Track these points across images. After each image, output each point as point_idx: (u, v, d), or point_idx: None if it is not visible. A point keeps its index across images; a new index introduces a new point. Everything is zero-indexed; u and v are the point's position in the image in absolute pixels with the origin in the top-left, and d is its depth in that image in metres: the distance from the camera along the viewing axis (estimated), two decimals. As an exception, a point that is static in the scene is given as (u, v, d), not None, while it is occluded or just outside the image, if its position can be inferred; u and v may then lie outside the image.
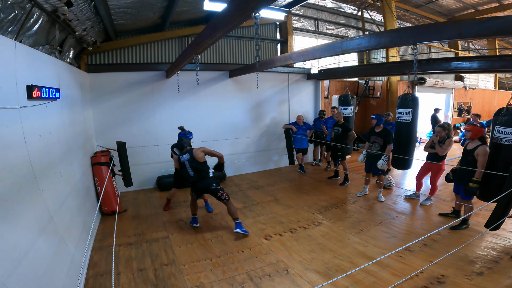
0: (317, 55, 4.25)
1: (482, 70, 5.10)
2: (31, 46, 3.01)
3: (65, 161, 3.46)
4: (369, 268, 2.95)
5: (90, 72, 5.65)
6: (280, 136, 7.44)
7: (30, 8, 2.70)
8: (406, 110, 4.60)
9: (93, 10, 3.89)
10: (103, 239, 3.99)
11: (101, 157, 4.83)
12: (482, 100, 13.91)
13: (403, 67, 5.92)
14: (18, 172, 2.26)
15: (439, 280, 2.89)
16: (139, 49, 6.37)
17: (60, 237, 2.78)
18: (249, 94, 7.31)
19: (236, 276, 3.14)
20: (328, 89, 9.54)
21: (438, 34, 2.91)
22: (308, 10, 9.42)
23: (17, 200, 2.14)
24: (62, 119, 3.55)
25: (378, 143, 5.11)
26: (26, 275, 1.99)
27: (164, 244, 3.88)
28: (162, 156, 6.35)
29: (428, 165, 4.85)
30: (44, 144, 2.87)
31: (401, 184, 6.25)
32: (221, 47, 7.38)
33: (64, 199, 3.14)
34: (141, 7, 4.84)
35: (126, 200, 5.56)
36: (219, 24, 2.56)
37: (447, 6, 10.40)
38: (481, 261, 3.19)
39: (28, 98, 2.58)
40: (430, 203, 4.93)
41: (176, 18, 6.17)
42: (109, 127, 5.85)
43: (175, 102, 6.42)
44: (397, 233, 4.01)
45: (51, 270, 2.40)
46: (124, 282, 3.06)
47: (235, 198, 5.56)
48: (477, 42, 14.32)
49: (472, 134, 3.90)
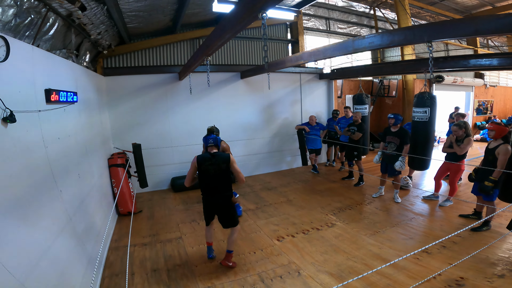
0: (328, 55, 4.19)
1: (502, 67, 4.91)
2: (48, 50, 3.10)
3: (83, 163, 3.56)
4: (384, 270, 2.87)
5: (106, 76, 5.81)
6: (293, 136, 7.40)
7: (45, 12, 2.77)
8: (423, 109, 4.47)
9: (106, 14, 3.99)
10: (119, 240, 4.07)
11: (117, 159, 4.94)
12: (504, 98, 13.36)
13: (418, 65, 5.76)
14: (38, 174, 2.33)
15: (458, 283, 2.78)
16: (152, 51, 6.49)
17: (78, 238, 2.85)
18: (261, 94, 7.31)
19: (247, 277, 3.13)
20: (341, 89, 9.42)
21: (454, 31, 2.82)
22: (319, 10, 9.32)
23: (37, 201, 2.20)
24: (79, 122, 3.65)
25: (394, 143, 4.99)
26: (44, 275, 2.05)
27: (178, 245, 3.92)
28: (176, 157, 6.46)
29: (447, 165, 4.70)
30: (63, 146, 2.95)
31: (419, 185, 6.08)
32: (232, 49, 7.42)
33: (82, 200, 3.22)
34: (152, 10, 4.94)
35: (142, 201, 5.67)
36: (228, 25, 2.57)
37: (463, 3, 10.05)
38: (502, 263, 3.06)
39: (47, 102, 2.66)
40: (449, 204, 4.76)
41: (187, 20, 6.26)
42: (125, 129, 5.99)
43: (188, 104, 6.51)
44: (414, 235, 3.89)
45: (68, 270, 2.45)
46: (137, 282, 3.11)
47: (248, 199, 5.57)
48: (497, 39, 13.76)
49: (496, 134, 3.75)
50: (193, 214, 4.96)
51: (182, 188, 6.20)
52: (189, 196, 5.90)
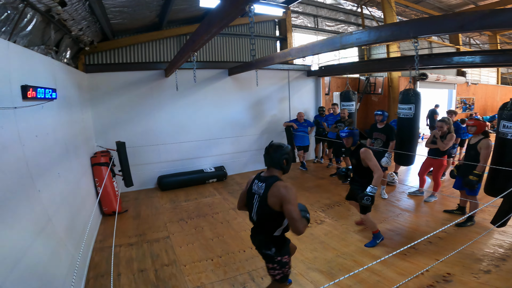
0: (316, 51, 4.19)
1: (485, 65, 5.03)
2: (25, 46, 2.98)
3: (63, 162, 3.43)
4: (373, 266, 2.88)
5: (88, 72, 5.62)
6: (281, 133, 7.38)
7: (22, 8, 2.67)
8: (408, 106, 4.55)
9: (88, 10, 3.84)
10: (104, 240, 3.95)
11: (100, 158, 4.80)
12: (485, 95, 13.81)
13: (404, 62, 5.86)
14: (14, 173, 2.23)
15: (445, 279, 2.83)
16: (138, 48, 6.32)
17: (59, 238, 2.75)
18: (249, 91, 7.25)
19: (237, 276, 3.09)
20: (329, 86, 9.47)
21: (439, 27, 2.86)
22: (307, 7, 9.33)
23: (14, 202, 2.12)
24: (59, 119, 3.52)
25: (380, 139, 5.04)
26: (23, 276, 1.97)
27: (165, 244, 3.84)
28: (163, 155, 6.34)
29: (430, 160, 4.78)
30: (41, 144, 2.84)
31: (405, 181, 6.18)
32: (220, 45, 7.32)
33: (63, 200, 3.11)
34: (137, 6, 4.79)
35: (127, 201, 5.53)
36: (214, 20, 2.51)
37: (447, 2, 10.29)
38: (488, 258, 3.13)
39: (23, 98, 2.55)
40: (434, 199, 4.86)
41: (174, 16, 6.12)
42: (108, 127, 5.81)
43: (174, 101, 6.38)
44: (401, 231, 3.95)
45: (50, 271, 2.38)
46: (124, 283, 3.03)
47: (237, 197, 5.50)
48: (478, 37, 14.18)
49: (477, 129, 3.83)
50: (181, 213, 4.87)
51: (170, 187, 6.11)
52: (176, 194, 5.80)
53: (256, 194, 2.17)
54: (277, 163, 2.14)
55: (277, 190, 2.02)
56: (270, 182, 2.08)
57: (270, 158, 2.15)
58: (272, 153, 2.15)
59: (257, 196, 2.15)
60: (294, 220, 1.95)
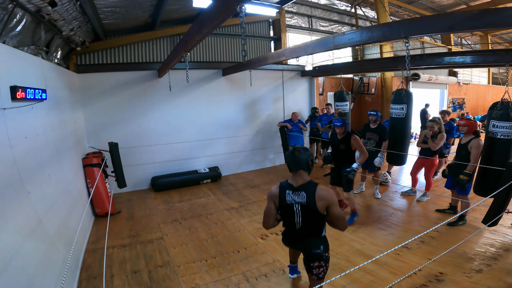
0: (309, 51, 4.20)
1: (475, 65, 5.09)
2: (15, 47, 2.94)
3: (54, 163, 3.39)
4: (367, 266, 2.90)
5: (80, 73, 5.55)
6: (276, 134, 7.40)
7: (12, 8, 2.64)
8: (400, 106, 4.59)
9: (79, 10, 3.78)
10: (97, 241, 3.91)
11: (93, 159, 4.75)
12: (477, 95, 13.99)
13: (396, 62, 5.90)
14: (3, 175, 2.20)
15: (438, 278, 2.85)
16: (130, 48, 6.27)
17: (50, 240, 2.72)
18: (243, 92, 7.24)
19: (232, 276, 3.08)
20: (322, 86, 9.51)
21: (430, 27, 2.88)
22: (302, 7, 9.36)
23: (2, 204, 2.09)
24: (49, 120, 3.48)
25: (373, 139, 5.08)
26: (13, 278, 1.95)
27: (159, 246, 3.81)
28: (156, 156, 6.30)
29: (421, 160, 4.83)
30: (31, 146, 2.80)
31: (397, 180, 6.23)
32: (214, 46, 7.30)
33: (54, 202, 3.08)
34: (130, 6, 4.75)
35: (120, 202, 5.48)
36: (205, 20, 2.51)
37: (439, 2, 10.42)
38: (479, 258, 3.16)
39: (12, 99, 2.52)
40: (426, 199, 4.91)
41: (167, 16, 6.09)
42: (101, 128, 5.75)
43: (168, 102, 6.34)
44: (394, 230, 3.98)
45: (40, 273, 2.35)
46: (117, 284, 3.00)
47: (231, 198, 5.51)
48: (470, 37, 14.37)
49: (469, 129, 3.88)
50: (175, 214, 4.85)
51: (163, 188, 6.07)
52: (170, 195, 5.77)
53: (295, 204, 2.22)
54: (306, 165, 2.22)
55: (323, 194, 2.15)
56: (313, 188, 2.17)
57: (299, 161, 2.21)
58: (300, 156, 2.21)
59: (298, 205, 2.21)
60: (342, 220, 2.21)
